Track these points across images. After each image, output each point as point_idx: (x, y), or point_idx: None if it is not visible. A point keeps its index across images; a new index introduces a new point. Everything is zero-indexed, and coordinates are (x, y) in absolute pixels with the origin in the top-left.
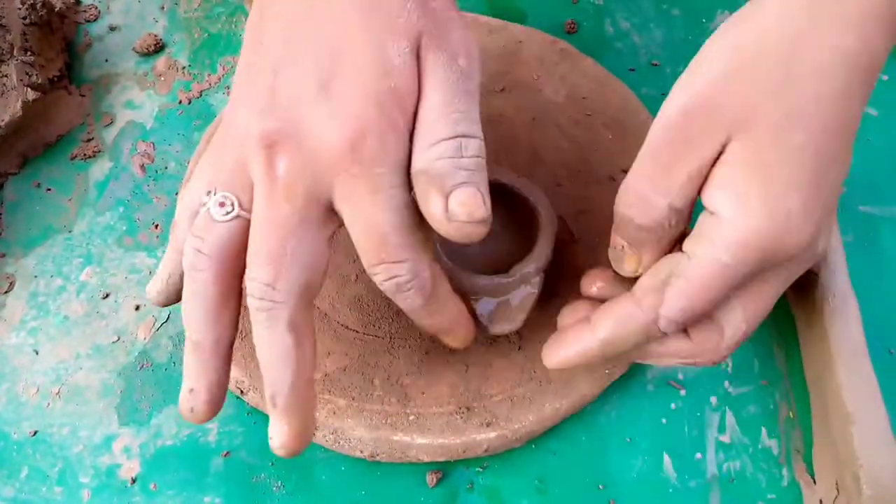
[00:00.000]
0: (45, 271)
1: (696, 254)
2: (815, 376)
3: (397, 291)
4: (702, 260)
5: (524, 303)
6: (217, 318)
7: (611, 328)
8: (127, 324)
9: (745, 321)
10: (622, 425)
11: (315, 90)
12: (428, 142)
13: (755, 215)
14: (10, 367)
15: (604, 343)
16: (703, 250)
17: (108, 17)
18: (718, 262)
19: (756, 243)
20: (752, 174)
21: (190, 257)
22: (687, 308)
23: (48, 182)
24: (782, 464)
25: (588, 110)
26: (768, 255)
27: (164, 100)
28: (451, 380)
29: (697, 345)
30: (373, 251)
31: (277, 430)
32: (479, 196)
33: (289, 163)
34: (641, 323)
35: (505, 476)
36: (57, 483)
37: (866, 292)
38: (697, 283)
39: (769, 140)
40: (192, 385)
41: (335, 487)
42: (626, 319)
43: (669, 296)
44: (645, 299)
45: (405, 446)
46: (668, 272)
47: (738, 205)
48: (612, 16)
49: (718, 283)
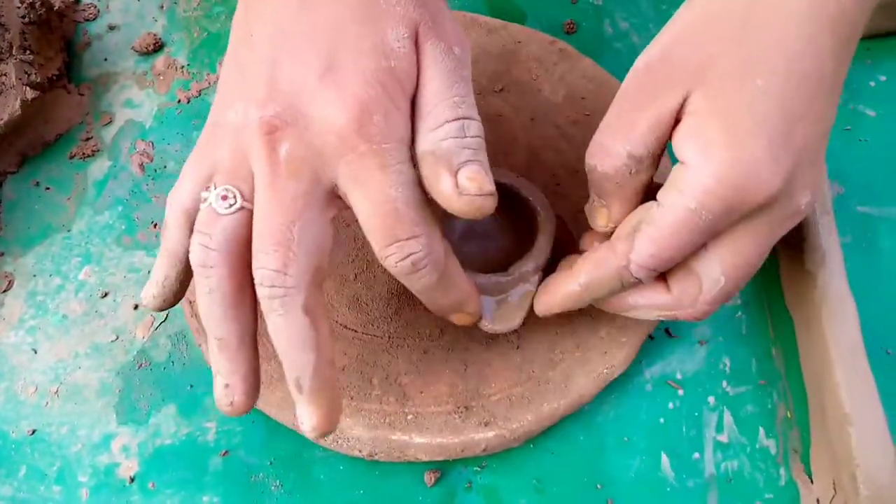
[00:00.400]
0: (43, 270)
1: (665, 202)
2: (813, 376)
3: (412, 271)
4: (669, 207)
5: (523, 302)
6: (237, 313)
7: (588, 272)
8: (125, 323)
9: (723, 274)
10: (620, 425)
11: (317, 76)
12: (431, 125)
13: (718, 161)
14: (9, 365)
15: (583, 287)
16: (671, 198)
17: (107, 16)
18: (685, 208)
19: (719, 189)
20: (715, 121)
21: (198, 254)
22: (655, 254)
23: (47, 181)
24: (780, 463)
25: (587, 110)
26: (733, 202)
27: (163, 99)
28: (450, 379)
29: (676, 297)
30: (387, 229)
31: (307, 413)
32: (484, 171)
33: (291, 147)
34: (614, 267)
35: (503, 475)
36: (55, 482)
37: (864, 293)
38: (665, 229)
39: (731, 87)
40: (227, 381)
41: (333, 486)
42: (601, 264)
43: (638, 241)
44: (618, 245)
45: (403, 445)
46: (639, 220)
47: (702, 151)
48: (611, 16)
49: (686, 230)
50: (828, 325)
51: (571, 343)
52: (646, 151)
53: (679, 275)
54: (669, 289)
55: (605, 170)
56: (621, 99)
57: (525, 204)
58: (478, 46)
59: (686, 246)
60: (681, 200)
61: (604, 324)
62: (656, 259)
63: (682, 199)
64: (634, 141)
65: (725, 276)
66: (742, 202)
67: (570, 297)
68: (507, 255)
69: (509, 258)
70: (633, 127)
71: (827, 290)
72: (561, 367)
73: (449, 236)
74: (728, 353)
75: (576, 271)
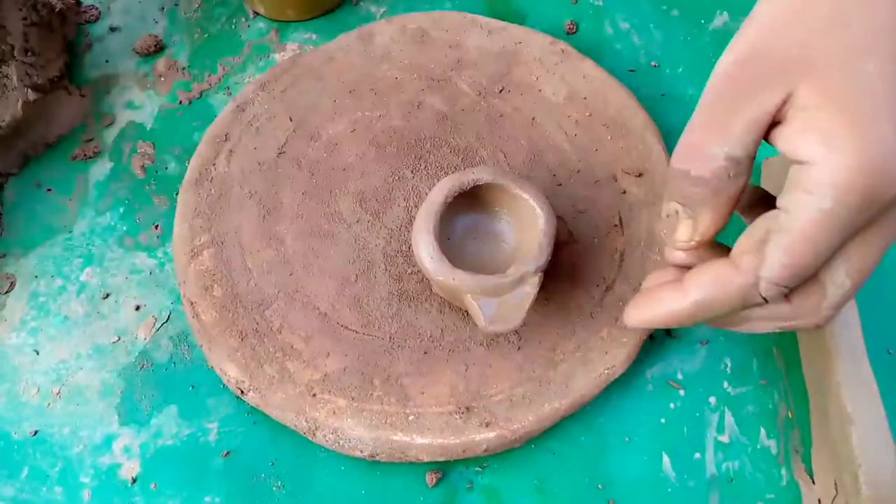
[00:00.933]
0: (45, 271)
1: (793, 206)
2: (814, 376)
3: None
4: (800, 211)
5: (523, 302)
6: None
7: (705, 291)
8: (127, 324)
9: (848, 277)
10: (621, 425)
11: None
12: None
13: (846, 151)
14: (11, 367)
15: (696, 305)
16: (799, 200)
17: (108, 18)
18: (818, 209)
19: (854, 181)
20: (833, 111)
21: None
22: (789, 265)
23: (48, 182)
24: (781, 464)
25: (588, 111)
26: (871, 194)
27: (165, 100)
28: (451, 380)
29: (797, 306)
30: None
31: None
32: None
33: None
34: (739, 286)
35: (504, 476)
36: (57, 483)
37: (865, 292)
38: (799, 235)
39: (841, 76)
40: None
41: (335, 487)
42: (721, 282)
43: (770, 253)
44: (742, 260)
45: (405, 446)
46: (764, 230)
47: (826, 145)
48: (611, 17)
49: (822, 235)
50: (829, 325)
51: (572, 343)
52: (744, 153)
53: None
54: (789, 298)
55: (700, 173)
56: (712, 98)
57: (526, 204)
58: (478, 47)
59: (823, 253)
60: (812, 201)
61: (604, 324)
62: (790, 271)
63: (813, 200)
64: (732, 141)
65: (851, 279)
66: (879, 193)
67: (677, 314)
68: (508, 256)
69: (510, 259)
70: (730, 127)
71: None
72: (562, 367)
73: (449, 236)
74: (729, 353)
75: (688, 286)
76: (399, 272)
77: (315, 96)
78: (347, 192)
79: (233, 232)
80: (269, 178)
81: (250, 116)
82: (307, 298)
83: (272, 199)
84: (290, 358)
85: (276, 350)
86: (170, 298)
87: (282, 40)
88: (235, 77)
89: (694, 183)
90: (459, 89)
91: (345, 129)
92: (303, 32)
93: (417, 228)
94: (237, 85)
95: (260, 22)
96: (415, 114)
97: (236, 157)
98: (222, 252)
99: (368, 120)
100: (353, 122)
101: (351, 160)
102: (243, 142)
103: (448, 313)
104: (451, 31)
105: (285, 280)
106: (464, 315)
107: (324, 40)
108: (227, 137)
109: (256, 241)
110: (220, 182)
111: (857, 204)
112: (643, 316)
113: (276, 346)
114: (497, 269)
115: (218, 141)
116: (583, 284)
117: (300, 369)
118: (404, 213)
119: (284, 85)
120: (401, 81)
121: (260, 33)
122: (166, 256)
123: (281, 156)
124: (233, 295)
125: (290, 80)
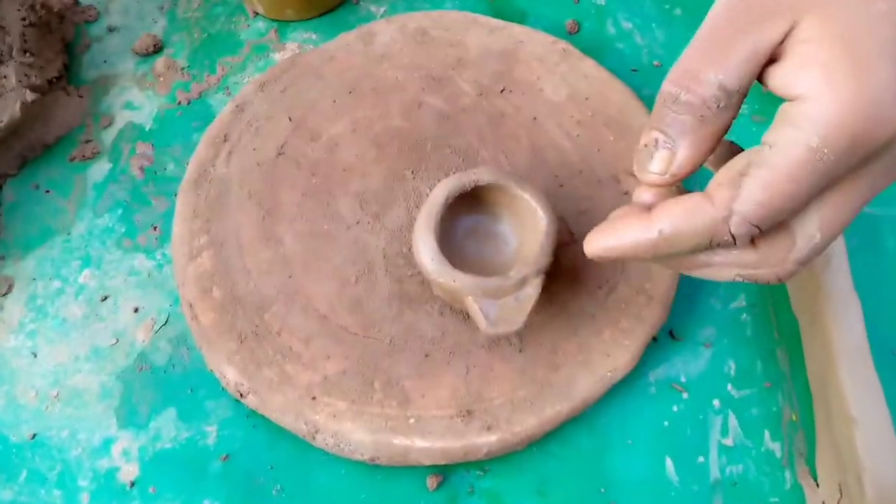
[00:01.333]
0: (43, 273)
1: (778, 141)
2: (818, 378)
3: None
4: (785, 145)
5: (524, 304)
6: None
7: (674, 222)
8: (126, 326)
9: (819, 230)
10: (624, 428)
11: None
12: None
13: (844, 89)
14: (9, 369)
15: (662, 238)
16: (787, 135)
17: (106, 18)
18: (805, 146)
19: (847, 120)
20: (835, 47)
21: None
22: (765, 203)
23: (47, 184)
24: (785, 466)
25: (589, 111)
26: (861, 137)
27: (164, 101)
28: (452, 383)
29: (762, 254)
30: None
31: None
32: None
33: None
34: (709, 219)
35: (506, 479)
36: (56, 486)
37: (869, 293)
38: (781, 172)
39: (848, 11)
40: None
41: (335, 491)
42: (692, 214)
43: (747, 187)
44: (718, 192)
45: (405, 450)
46: (745, 163)
47: (823, 80)
48: (613, 16)
49: (804, 174)
50: (833, 327)
51: (574, 346)
52: (738, 85)
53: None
54: (755, 244)
55: (690, 99)
56: (712, 25)
57: (527, 205)
58: (480, 46)
59: (802, 195)
60: (800, 137)
61: (606, 326)
62: (765, 210)
63: (801, 136)
64: (729, 70)
65: (821, 232)
66: (869, 137)
67: (642, 245)
68: (509, 257)
69: (511, 260)
70: (728, 55)
71: (832, 291)
72: (563, 369)
73: (450, 238)
74: (733, 355)
75: (656, 217)
76: (399, 274)
77: (315, 96)
78: (347, 193)
79: (232, 233)
80: (269, 179)
81: (250, 116)
82: (307, 300)
83: (272, 200)
84: (290, 360)
85: (275, 352)
86: (168, 300)
87: (281, 40)
88: (235, 77)
89: (682, 109)
90: (460, 89)
91: (345, 130)
92: (302, 32)
93: (418, 229)
94: (236, 85)
95: (259, 21)
96: (415, 114)
97: (235, 158)
98: (221, 253)
99: (369, 120)
100: (353, 122)
101: (351, 160)
102: (243, 142)
103: (449, 315)
104: (451, 30)
105: (285, 281)
106: (465, 317)
107: (324, 40)
108: (227, 138)
109: (256, 243)
110: (219, 183)
111: (845, 145)
112: (605, 243)
113: (276, 348)
114: (498, 270)
115: (217, 141)
116: (584, 286)
117: (300, 372)
118: (405, 214)
119: (284, 85)
120: (401, 81)
121: (259, 33)
122: (165, 258)
123: (280, 156)
124: (232, 297)
125: (289, 79)
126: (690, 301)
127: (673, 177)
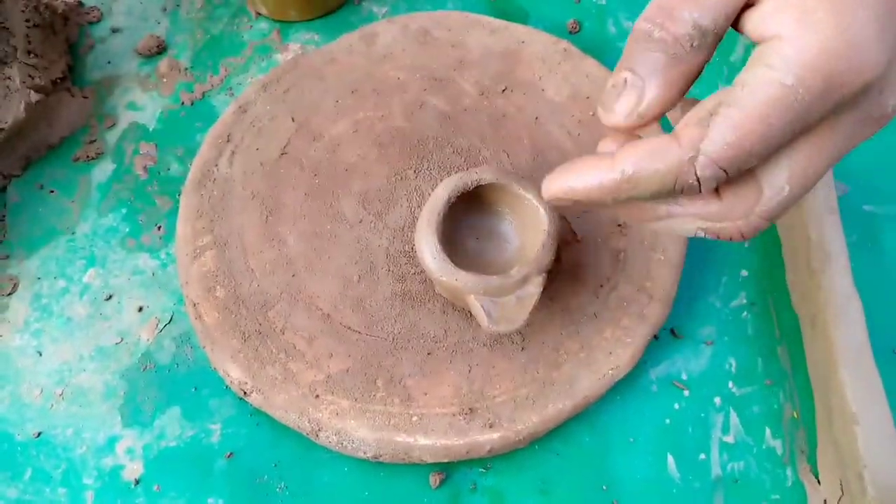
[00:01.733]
0: (48, 273)
1: (751, 80)
2: (819, 376)
3: None
4: (758, 85)
5: (526, 303)
6: None
7: (638, 162)
8: (130, 325)
9: (788, 181)
10: (626, 426)
11: None
12: None
13: (821, 28)
14: (14, 368)
15: (624, 178)
16: (759, 74)
17: (110, 19)
18: (779, 84)
19: (823, 61)
20: None
21: None
22: (734, 143)
23: (51, 184)
24: (786, 464)
25: (591, 110)
26: (836, 80)
27: (167, 101)
28: (454, 381)
29: (727, 205)
30: None
31: None
32: None
33: None
34: (675, 159)
35: (508, 477)
36: (61, 484)
37: (870, 292)
38: (752, 111)
39: None
40: None
41: (338, 488)
42: (657, 154)
43: (716, 126)
44: (685, 131)
45: (408, 447)
46: (716, 102)
47: (801, 20)
48: (614, 15)
49: (776, 115)
50: (834, 325)
51: (576, 344)
52: (713, 24)
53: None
54: (720, 194)
55: (663, 36)
56: None
57: (529, 204)
58: (481, 47)
59: (774, 138)
60: (773, 76)
61: (608, 324)
62: (734, 150)
63: (774, 75)
64: (705, 8)
65: (790, 185)
66: (844, 81)
67: (603, 187)
68: (511, 256)
69: (513, 259)
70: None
71: (832, 289)
72: (566, 367)
73: (452, 237)
74: (734, 353)
75: (619, 158)
76: (402, 273)
77: (317, 97)
78: (350, 193)
79: (235, 233)
80: (272, 179)
81: (252, 117)
82: (310, 299)
83: (274, 200)
84: (293, 359)
85: (278, 351)
86: (172, 300)
87: (284, 41)
88: (237, 78)
89: (654, 46)
90: (462, 89)
91: (347, 130)
92: (305, 33)
93: (420, 229)
94: (239, 85)
95: (262, 22)
96: (417, 114)
97: (238, 158)
98: (225, 253)
99: (371, 120)
100: (355, 122)
101: (353, 160)
102: (245, 142)
103: (451, 314)
104: (453, 30)
105: (288, 281)
106: (467, 316)
107: (326, 41)
108: (230, 138)
109: (259, 242)
110: (222, 183)
111: (819, 88)
112: (564, 183)
113: (279, 346)
114: (500, 269)
115: (220, 142)
116: (586, 285)
117: (303, 370)
118: (407, 213)
119: (286, 85)
120: (403, 81)
121: (262, 34)
122: (169, 257)
123: (283, 156)
124: (235, 296)
125: (292, 80)
126: (691, 299)
127: (640, 118)
